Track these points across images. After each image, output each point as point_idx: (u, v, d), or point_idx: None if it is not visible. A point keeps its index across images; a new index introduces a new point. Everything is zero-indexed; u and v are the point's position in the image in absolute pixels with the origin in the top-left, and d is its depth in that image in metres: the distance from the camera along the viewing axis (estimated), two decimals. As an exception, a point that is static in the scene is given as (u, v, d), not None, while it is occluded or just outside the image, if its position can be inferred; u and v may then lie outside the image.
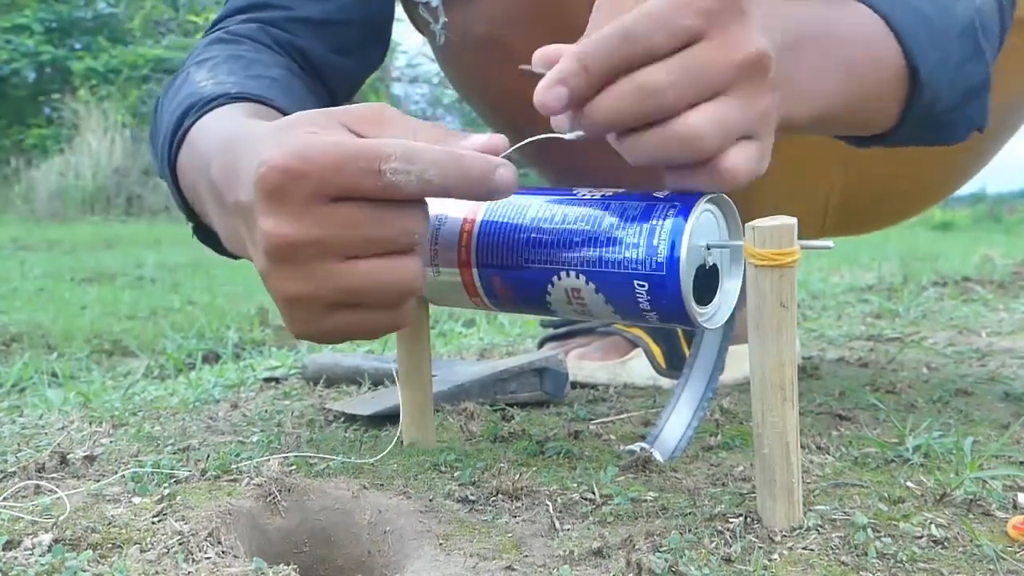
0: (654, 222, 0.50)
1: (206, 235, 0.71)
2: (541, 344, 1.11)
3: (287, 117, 0.52)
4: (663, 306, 0.51)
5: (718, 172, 0.49)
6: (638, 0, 0.48)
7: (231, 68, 0.73)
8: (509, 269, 0.55)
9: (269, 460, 0.62)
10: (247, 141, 0.53)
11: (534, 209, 0.54)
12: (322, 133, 0.49)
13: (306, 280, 0.48)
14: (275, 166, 0.47)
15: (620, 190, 0.54)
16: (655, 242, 0.49)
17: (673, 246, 0.49)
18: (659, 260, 0.49)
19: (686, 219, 0.49)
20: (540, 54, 0.50)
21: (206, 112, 0.66)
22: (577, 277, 0.52)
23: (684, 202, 0.50)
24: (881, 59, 0.63)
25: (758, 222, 0.48)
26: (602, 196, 0.53)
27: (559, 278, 0.53)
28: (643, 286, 0.50)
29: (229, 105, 0.66)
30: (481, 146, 0.49)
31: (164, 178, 0.72)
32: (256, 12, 0.83)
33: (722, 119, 0.48)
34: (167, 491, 0.58)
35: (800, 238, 0.49)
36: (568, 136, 0.50)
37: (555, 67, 0.47)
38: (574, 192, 0.55)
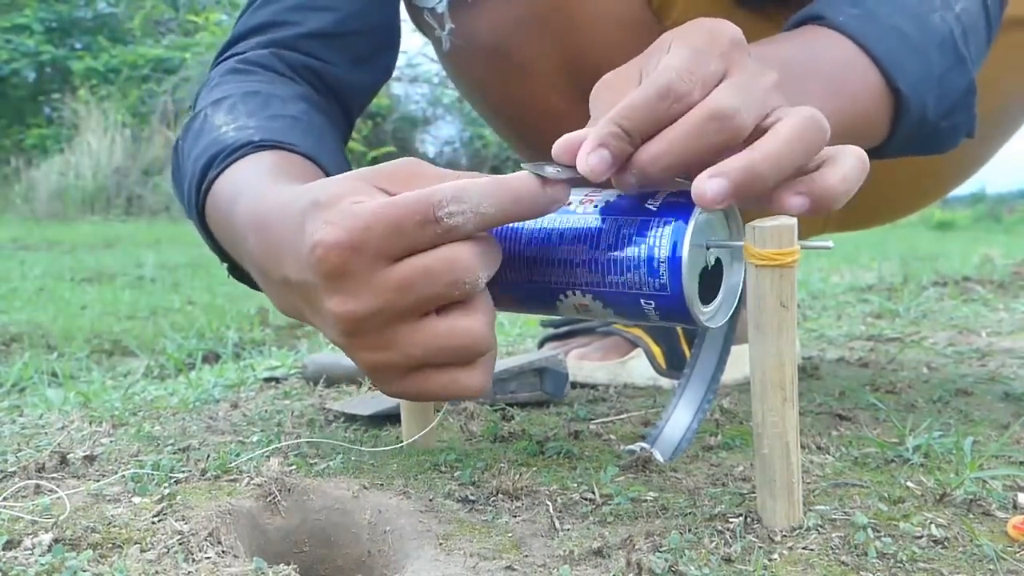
0: (651, 239, 0.50)
1: (242, 274, 0.71)
2: (541, 344, 1.11)
3: (323, 187, 0.51)
4: (670, 315, 0.51)
5: (823, 188, 0.48)
6: (635, 84, 0.49)
7: (250, 109, 0.73)
8: (515, 285, 0.55)
9: (269, 460, 0.62)
10: (284, 218, 0.52)
11: (529, 227, 0.54)
12: (366, 200, 0.48)
13: (384, 347, 0.50)
14: (334, 244, 0.47)
15: (612, 196, 0.53)
16: (656, 265, 0.49)
17: (673, 256, 0.49)
18: (662, 282, 0.49)
19: (685, 227, 0.49)
20: (561, 145, 0.49)
21: (230, 163, 0.66)
22: (584, 295, 0.53)
23: (680, 213, 0.50)
24: (863, 83, 0.64)
25: (758, 222, 0.48)
26: (595, 207, 0.53)
27: (566, 296, 0.53)
28: (650, 303, 0.50)
29: (254, 156, 0.66)
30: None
31: (192, 220, 0.72)
32: (267, 33, 0.83)
33: (798, 129, 0.48)
34: (167, 491, 0.58)
35: (801, 237, 0.49)
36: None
37: (593, 132, 0.47)
38: (567, 204, 0.54)
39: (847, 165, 0.49)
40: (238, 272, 0.72)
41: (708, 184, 0.45)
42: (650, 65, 0.51)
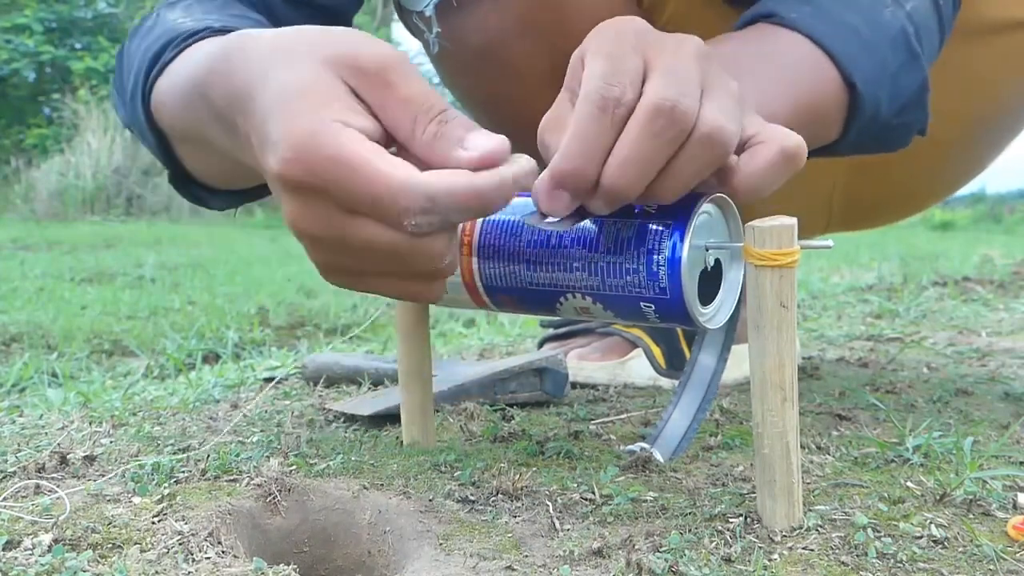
0: (650, 242, 0.50)
1: (183, 182, 0.69)
2: (541, 344, 1.11)
3: (289, 67, 0.46)
4: (669, 317, 0.51)
5: (748, 182, 0.48)
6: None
7: (207, 8, 0.69)
8: (516, 288, 0.55)
9: (269, 460, 0.62)
10: (253, 60, 0.49)
11: (527, 230, 0.54)
12: (344, 124, 0.45)
13: (331, 254, 0.48)
14: (291, 171, 0.44)
15: None
16: (655, 268, 0.49)
17: (672, 258, 0.49)
18: (662, 285, 0.49)
19: (683, 229, 0.49)
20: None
21: (188, 45, 0.62)
22: (584, 298, 0.53)
23: (678, 215, 0.50)
24: (818, 77, 0.64)
25: (758, 222, 0.48)
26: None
27: (566, 299, 0.53)
28: (650, 306, 0.51)
29: (215, 38, 0.61)
30: (485, 154, 0.45)
31: (134, 124, 0.68)
32: None
33: (725, 106, 0.47)
34: (167, 491, 0.58)
35: (803, 236, 0.49)
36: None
37: (547, 172, 0.47)
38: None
39: (763, 160, 0.49)
40: (181, 179, 0.69)
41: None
42: (577, 89, 0.49)
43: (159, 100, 0.64)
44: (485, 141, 0.45)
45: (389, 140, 0.46)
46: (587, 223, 0.52)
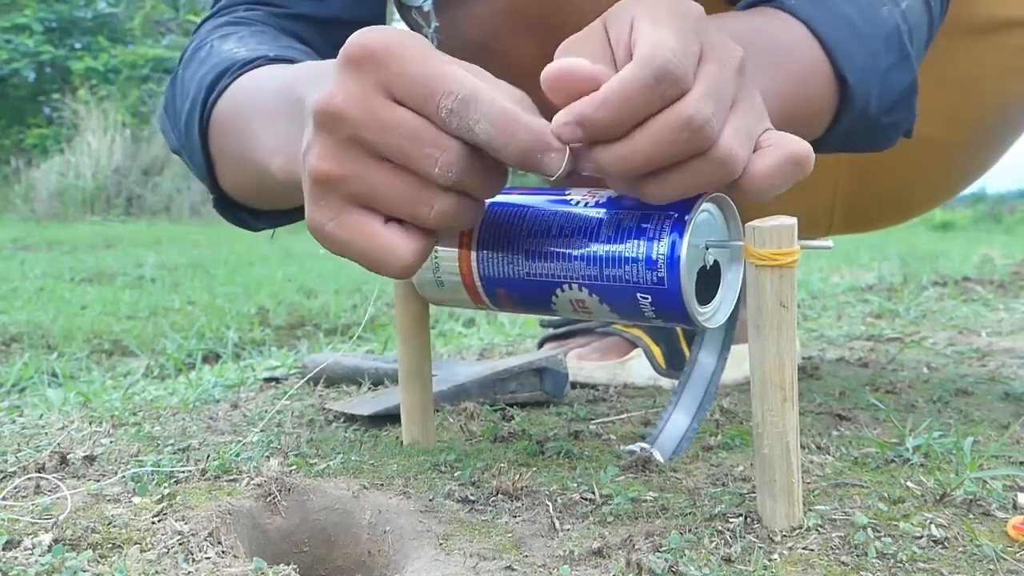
0: (650, 234, 0.50)
1: (228, 206, 0.71)
2: (541, 344, 1.11)
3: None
4: (666, 312, 0.51)
5: (753, 183, 0.48)
6: (602, 56, 0.48)
7: (260, 40, 0.72)
8: (513, 282, 0.55)
9: (269, 460, 0.62)
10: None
11: (528, 220, 0.54)
12: (428, 54, 0.47)
13: (336, 159, 0.47)
14: (363, 43, 0.46)
15: (613, 193, 0.53)
16: (654, 256, 0.49)
17: (672, 252, 0.49)
18: (660, 275, 0.49)
19: (682, 233, 0.49)
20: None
21: (244, 73, 0.65)
22: (580, 290, 0.53)
23: (679, 210, 0.50)
24: (810, 66, 0.63)
25: (758, 222, 0.48)
26: (596, 203, 0.53)
27: (562, 290, 0.53)
28: (646, 299, 0.51)
29: (273, 65, 0.65)
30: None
31: (185, 148, 0.71)
32: (255, 8, 0.82)
33: (743, 129, 0.47)
34: (167, 491, 0.58)
35: (802, 237, 0.49)
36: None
37: (564, 113, 0.46)
38: (567, 198, 0.54)
39: (770, 163, 0.48)
40: (226, 203, 0.72)
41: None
42: (619, 35, 0.48)
43: (217, 121, 0.67)
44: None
45: None
46: (589, 213, 0.52)
